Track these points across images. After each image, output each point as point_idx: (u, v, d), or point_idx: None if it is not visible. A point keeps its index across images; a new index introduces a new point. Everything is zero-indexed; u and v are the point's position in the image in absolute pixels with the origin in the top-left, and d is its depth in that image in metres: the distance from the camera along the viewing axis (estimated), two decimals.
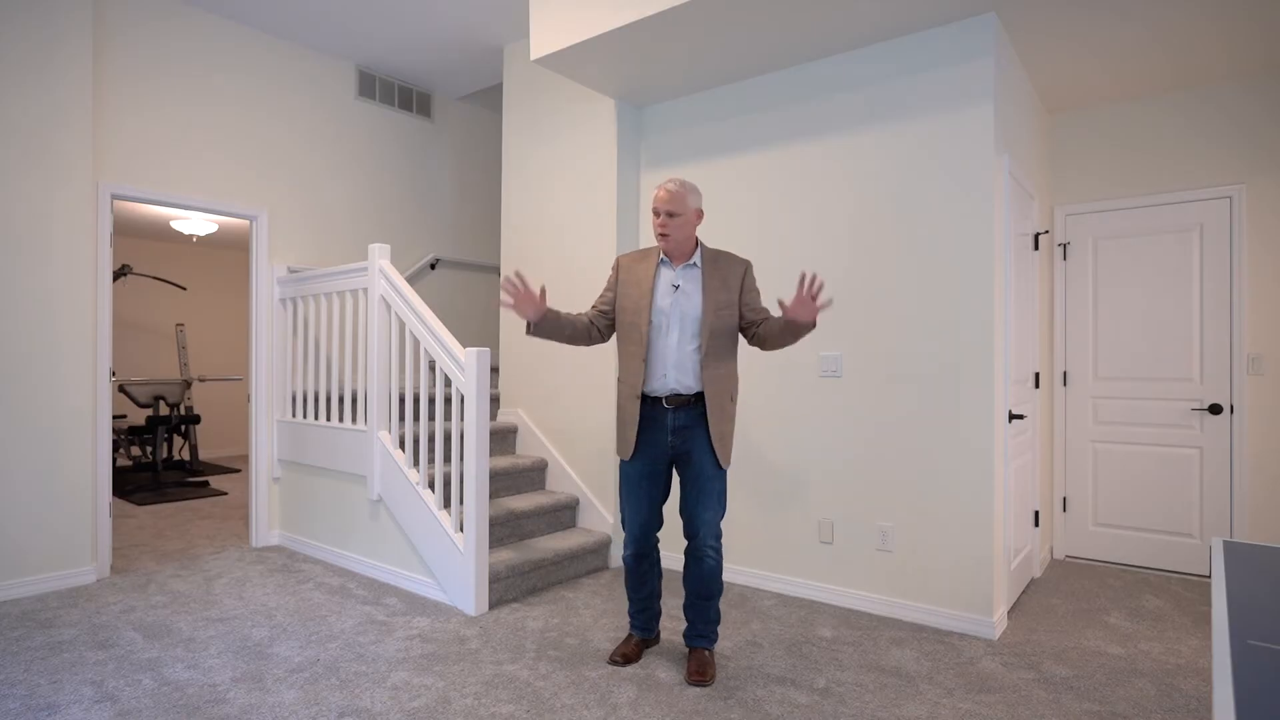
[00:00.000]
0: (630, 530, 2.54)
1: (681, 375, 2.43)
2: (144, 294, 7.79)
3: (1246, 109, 3.57)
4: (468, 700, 2.28)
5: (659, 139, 3.88)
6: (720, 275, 2.47)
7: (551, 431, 4.09)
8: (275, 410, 4.20)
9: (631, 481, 2.51)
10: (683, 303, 2.44)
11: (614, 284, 2.58)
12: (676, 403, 2.43)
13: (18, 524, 3.24)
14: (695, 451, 2.44)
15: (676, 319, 2.44)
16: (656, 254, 2.52)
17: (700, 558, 2.45)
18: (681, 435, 2.45)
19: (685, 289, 2.46)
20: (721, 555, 2.48)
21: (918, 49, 3.05)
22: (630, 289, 2.51)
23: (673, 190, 2.42)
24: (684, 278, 2.47)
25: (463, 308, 5.41)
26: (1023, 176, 3.35)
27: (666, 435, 2.45)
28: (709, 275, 2.46)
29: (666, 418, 2.45)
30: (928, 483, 3.01)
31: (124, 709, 2.21)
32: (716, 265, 2.48)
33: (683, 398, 2.43)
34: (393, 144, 4.94)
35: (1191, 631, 2.94)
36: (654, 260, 2.51)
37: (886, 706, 2.27)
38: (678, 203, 2.42)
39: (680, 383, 2.43)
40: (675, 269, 2.49)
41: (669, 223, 2.42)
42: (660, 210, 2.42)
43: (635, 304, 2.49)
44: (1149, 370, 3.81)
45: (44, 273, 3.31)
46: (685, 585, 2.51)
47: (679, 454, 2.47)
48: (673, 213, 2.42)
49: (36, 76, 3.28)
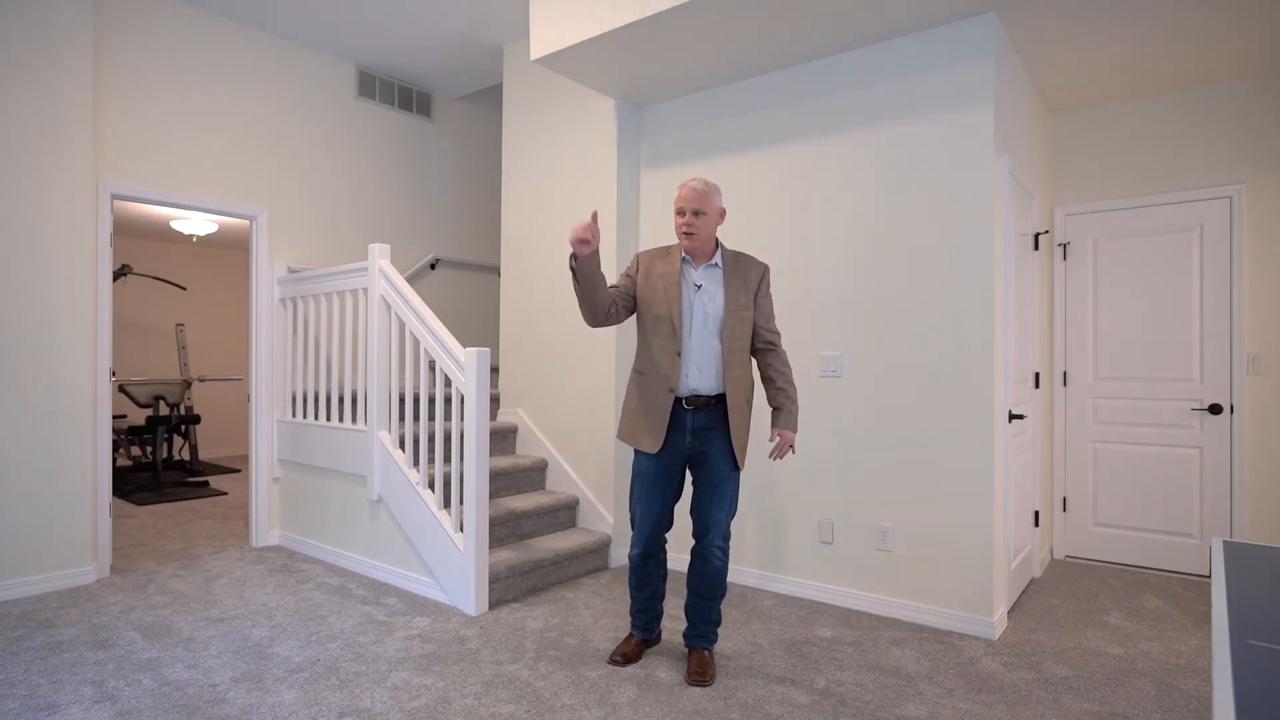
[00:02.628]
0: (640, 529, 2.51)
1: (704, 376, 2.41)
2: (144, 294, 7.79)
3: (1246, 109, 3.57)
4: (468, 700, 2.28)
5: (659, 139, 3.88)
6: (741, 276, 2.45)
7: (551, 431, 4.09)
8: (275, 410, 4.20)
9: (646, 480, 2.48)
10: (705, 303, 2.42)
11: (634, 274, 2.51)
12: (696, 404, 2.41)
13: (18, 524, 3.24)
14: (712, 453, 2.42)
15: (700, 319, 2.41)
16: (678, 252, 2.48)
17: (707, 558, 2.45)
18: (700, 436, 2.43)
19: (708, 289, 2.43)
20: (728, 557, 2.48)
21: (918, 49, 3.05)
22: (655, 283, 2.46)
23: (698, 188, 2.39)
24: (706, 278, 2.44)
25: (463, 308, 5.41)
26: (1023, 176, 3.35)
27: (685, 436, 2.43)
28: (730, 276, 2.43)
29: (686, 418, 2.42)
30: (928, 483, 3.01)
31: (124, 709, 2.21)
32: (737, 266, 2.46)
33: (703, 399, 2.41)
34: (393, 144, 4.94)
35: (1191, 631, 2.94)
36: (676, 259, 2.47)
37: (886, 706, 2.27)
38: (703, 201, 2.39)
39: (702, 383, 2.41)
40: (697, 269, 2.46)
41: (695, 221, 2.39)
42: (686, 209, 2.39)
43: (664, 299, 2.43)
44: (1149, 370, 3.81)
45: (44, 273, 3.31)
46: (689, 585, 2.50)
47: (695, 454, 2.45)
48: (699, 211, 2.39)
49: (36, 77, 3.28)
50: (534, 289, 4.18)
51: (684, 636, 2.57)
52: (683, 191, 2.40)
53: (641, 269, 2.50)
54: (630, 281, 2.51)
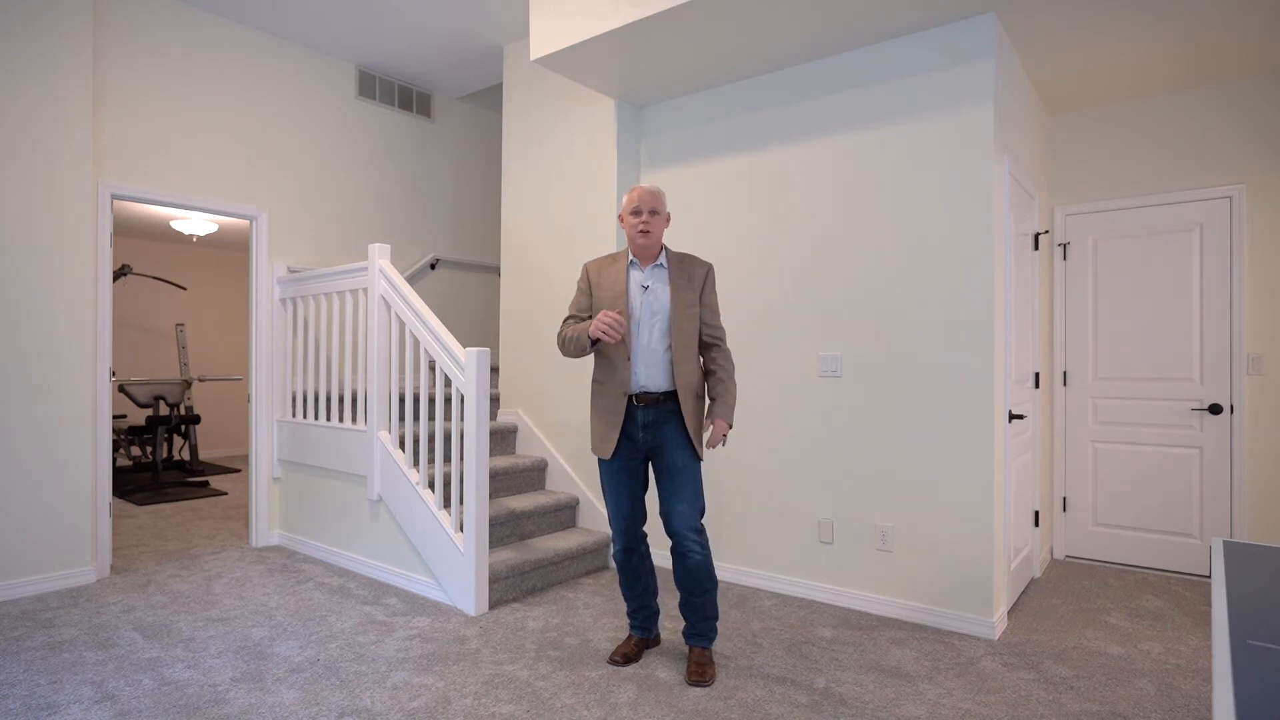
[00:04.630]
0: (615, 524, 2.57)
1: (652, 374, 2.47)
2: (144, 294, 7.79)
3: (1246, 109, 3.57)
4: (468, 700, 2.28)
5: (659, 139, 3.88)
6: (685, 275, 2.53)
7: (551, 431, 4.09)
8: (275, 410, 4.20)
9: (609, 478, 2.56)
10: (652, 303, 2.50)
11: (588, 289, 2.61)
12: (646, 400, 2.48)
13: (18, 524, 3.24)
14: (666, 445, 2.48)
15: (647, 319, 2.49)
16: (625, 257, 2.57)
17: (683, 554, 2.45)
18: (652, 431, 2.48)
19: (654, 289, 2.51)
20: (706, 549, 2.47)
21: (918, 49, 3.05)
22: (605, 292, 2.55)
23: (653, 190, 2.51)
24: (652, 278, 2.53)
25: (463, 308, 5.41)
26: (1023, 176, 3.35)
27: (638, 431, 2.50)
28: (675, 275, 2.52)
29: (637, 414, 2.49)
30: (928, 483, 3.01)
31: (124, 709, 2.21)
32: (682, 265, 2.55)
33: (651, 395, 2.48)
34: (393, 144, 4.94)
35: (1191, 631, 2.94)
36: (624, 263, 2.56)
37: (886, 706, 2.27)
38: (658, 201, 2.50)
39: (651, 381, 2.47)
40: (644, 270, 2.54)
41: (652, 220, 2.48)
42: (644, 209, 2.48)
43: (613, 306, 2.52)
44: (1149, 370, 3.81)
45: (44, 273, 3.31)
46: (676, 585, 2.52)
47: (651, 449, 2.51)
48: (655, 210, 2.49)
49: (36, 77, 3.28)
50: (534, 289, 4.18)
51: (683, 635, 2.57)
52: (638, 192, 2.50)
53: (593, 281, 2.60)
54: (587, 299, 2.61)
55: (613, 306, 2.51)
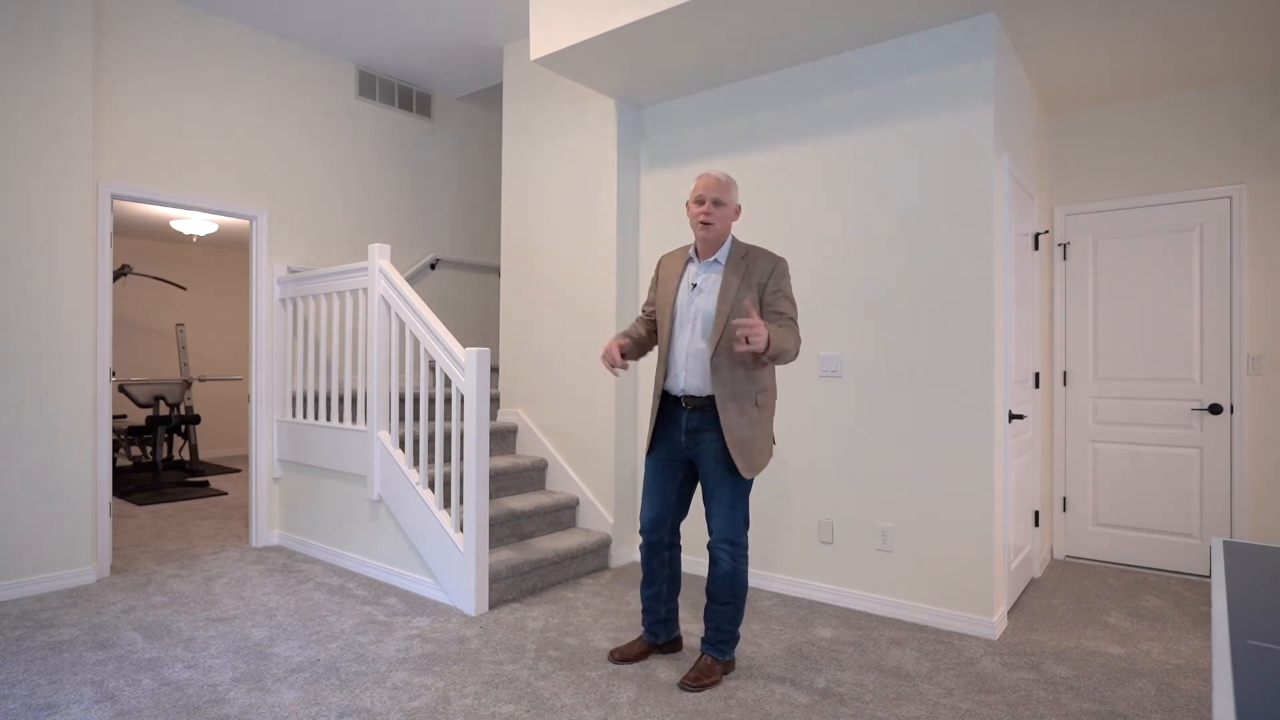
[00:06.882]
0: (641, 519, 2.56)
1: (692, 376, 2.40)
2: (144, 294, 7.78)
3: (1246, 109, 3.57)
4: (468, 700, 2.28)
5: (659, 139, 3.88)
6: (743, 271, 2.38)
7: (551, 431, 4.09)
8: (275, 410, 4.20)
9: (649, 473, 2.54)
10: (699, 302, 2.41)
11: (654, 283, 2.60)
12: (692, 404, 2.41)
13: (18, 524, 3.24)
14: (704, 459, 2.41)
15: (690, 318, 2.41)
16: (686, 251, 2.53)
17: (713, 559, 2.43)
18: (694, 437, 2.42)
19: (702, 288, 2.42)
20: (737, 561, 2.38)
21: (917, 49, 3.05)
22: (662, 287, 2.53)
23: (720, 178, 2.38)
24: (704, 276, 2.43)
25: (463, 308, 5.41)
26: (1023, 176, 3.35)
27: (680, 434, 2.44)
28: (730, 274, 2.38)
29: (682, 417, 2.43)
30: (928, 483, 3.01)
31: (124, 709, 2.21)
32: (744, 261, 2.40)
33: (696, 400, 2.40)
34: (393, 144, 4.94)
35: (1191, 631, 2.94)
36: (683, 258, 2.51)
37: (886, 706, 2.27)
38: (724, 191, 2.38)
39: (691, 384, 2.40)
40: (700, 264, 2.46)
41: (713, 211, 2.36)
42: (706, 197, 2.36)
43: (663, 302, 2.50)
44: (1149, 370, 3.81)
45: (44, 273, 3.31)
46: (706, 588, 2.49)
47: (692, 455, 2.45)
48: (719, 201, 2.37)
49: (36, 77, 3.28)
50: (534, 289, 4.18)
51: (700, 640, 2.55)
52: (704, 180, 2.38)
53: (660, 275, 2.59)
54: (653, 294, 2.61)
55: (664, 302, 2.48)
